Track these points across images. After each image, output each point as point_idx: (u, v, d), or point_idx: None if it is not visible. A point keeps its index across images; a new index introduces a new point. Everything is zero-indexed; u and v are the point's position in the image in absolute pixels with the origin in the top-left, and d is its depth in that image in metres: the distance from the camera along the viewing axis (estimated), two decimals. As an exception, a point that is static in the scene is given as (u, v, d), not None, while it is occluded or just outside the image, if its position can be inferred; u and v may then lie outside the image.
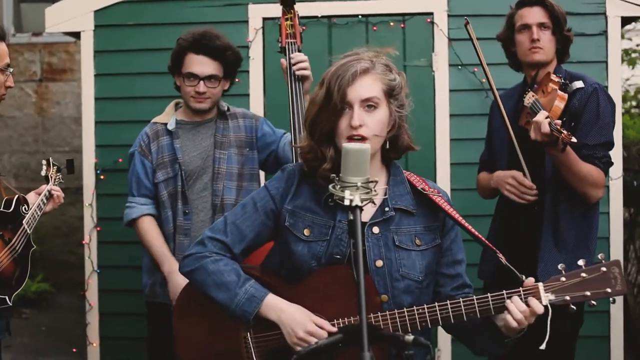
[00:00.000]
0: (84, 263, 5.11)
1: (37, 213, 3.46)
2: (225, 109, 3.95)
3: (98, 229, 5.05)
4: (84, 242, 5.07)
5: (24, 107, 8.28)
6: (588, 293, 2.27)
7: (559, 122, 3.14)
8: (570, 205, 3.43)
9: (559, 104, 3.30)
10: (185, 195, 3.83)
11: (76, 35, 5.11)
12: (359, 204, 2.00)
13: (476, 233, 2.47)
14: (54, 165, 3.77)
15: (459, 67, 4.87)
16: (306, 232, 2.48)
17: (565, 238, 3.42)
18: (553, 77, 3.45)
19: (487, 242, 2.46)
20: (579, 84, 3.45)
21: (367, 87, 2.41)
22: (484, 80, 4.82)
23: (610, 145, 3.46)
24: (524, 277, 2.35)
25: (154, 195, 3.92)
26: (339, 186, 2.07)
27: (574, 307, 2.29)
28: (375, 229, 2.46)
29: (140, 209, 3.92)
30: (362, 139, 2.38)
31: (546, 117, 3.15)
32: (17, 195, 3.41)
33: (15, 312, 7.29)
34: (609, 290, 2.27)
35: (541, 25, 3.54)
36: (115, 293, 5.06)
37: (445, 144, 4.92)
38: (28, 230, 3.38)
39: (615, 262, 2.28)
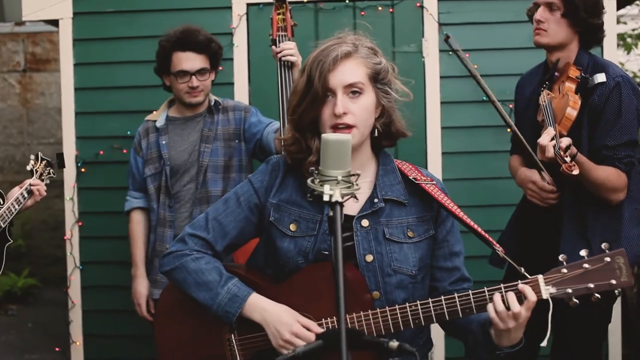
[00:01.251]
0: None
1: (14, 207, 3.40)
2: (213, 103, 4.02)
3: (80, 223, 4.89)
4: (65, 237, 4.92)
5: (8, 98, 8.17)
6: (591, 285, 2.13)
7: (567, 141, 2.97)
8: (593, 198, 3.24)
9: (570, 112, 3.13)
10: (169, 189, 3.95)
11: (55, 23, 4.93)
12: (339, 199, 1.85)
13: (472, 224, 2.33)
14: (42, 159, 3.74)
15: (450, 52, 4.66)
16: (292, 227, 2.35)
17: (589, 233, 3.24)
18: (572, 70, 3.25)
19: (483, 233, 2.32)
20: (600, 78, 3.22)
21: (350, 71, 2.28)
22: (476, 66, 4.68)
23: (634, 143, 3.25)
24: (522, 269, 2.21)
25: (146, 188, 4.08)
26: (318, 180, 1.92)
27: (577, 301, 2.15)
28: (365, 222, 2.33)
29: (132, 202, 4.14)
30: (348, 127, 2.25)
31: (552, 139, 2.98)
32: None
33: (1, 308, 7.20)
34: (613, 281, 2.12)
35: (549, 6, 3.32)
36: (98, 289, 4.92)
37: (437, 132, 4.77)
38: (2, 225, 3.31)
39: (620, 251, 2.14)
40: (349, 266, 2.28)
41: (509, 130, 4.52)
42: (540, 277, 2.16)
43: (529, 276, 2.18)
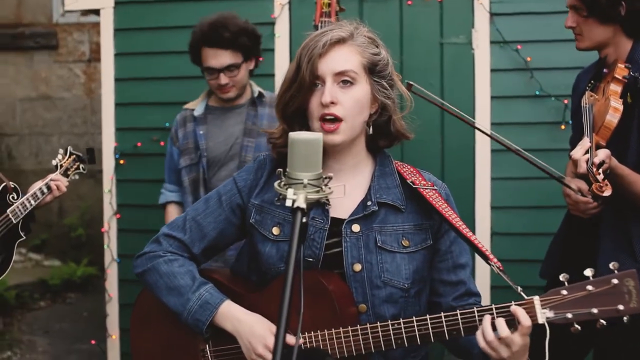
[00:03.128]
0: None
1: (29, 203, 3.30)
2: (257, 94, 3.86)
3: (118, 216, 4.82)
4: (103, 230, 4.85)
5: (73, 87, 8.22)
6: (595, 310, 1.86)
7: (602, 155, 2.64)
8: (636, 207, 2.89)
9: (610, 120, 2.78)
10: (206, 182, 3.79)
11: (96, 12, 4.87)
12: (302, 205, 1.66)
13: (469, 235, 2.08)
14: (71, 154, 3.60)
15: (501, 44, 4.45)
16: (275, 230, 2.16)
17: (636, 245, 2.90)
18: (619, 69, 2.89)
19: (480, 247, 2.07)
20: None
21: (342, 59, 2.08)
22: (529, 58, 4.41)
23: None
24: (519, 288, 1.97)
25: (181, 180, 3.95)
26: (284, 182, 1.73)
27: (578, 327, 1.90)
28: (356, 227, 2.13)
29: (167, 195, 4.02)
30: (336, 119, 2.05)
31: (586, 152, 2.67)
32: (4, 184, 3.32)
33: (60, 296, 7.29)
34: (620, 307, 1.85)
35: (574, 9, 3.01)
36: (136, 283, 4.79)
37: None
38: (13, 220, 3.24)
39: (630, 273, 1.87)
40: (332, 277, 2.08)
41: (562, 127, 4.29)
42: (536, 299, 1.91)
43: (525, 297, 1.93)
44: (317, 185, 1.72)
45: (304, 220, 1.70)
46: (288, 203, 1.69)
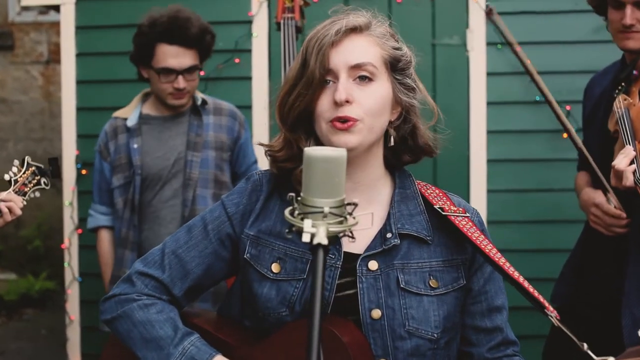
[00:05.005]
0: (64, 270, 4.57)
1: None
2: (200, 102, 3.46)
3: (79, 231, 4.47)
4: (63, 246, 4.49)
5: (30, 90, 7.92)
6: None
7: None
8: None
9: None
10: (134, 204, 3.40)
11: (56, 9, 4.55)
12: (324, 241, 1.30)
13: (516, 276, 1.73)
14: (29, 165, 3.05)
15: (498, 46, 4.23)
16: (275, 267, 1.79)
17: None
18: None
19: (532, 291, 1.72)
20: None
21: (359, 50, 1.73)
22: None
23: None
24: (585, 345, 1.62)
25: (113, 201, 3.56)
26: (298, 211, 1.37)
27: None
28: (373, 264, 1.76)
29: (98, 219, 3.62)
30: (352, 122, 1.71)
31: (631, 162, 2.41)
32: None
33: (16, 312, 6.99)
34: None
35: (638, 5, 2.72)
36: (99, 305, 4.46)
37: (481, 136, 4.30)
38: None
39: None
40: (346, 326, 1.71)
41: (564, 135, 4.01)
42: None
43: (595, 357, 1.58)
44: (340, 214, 1.36)
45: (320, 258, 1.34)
46: (305, 238, 1.32)
